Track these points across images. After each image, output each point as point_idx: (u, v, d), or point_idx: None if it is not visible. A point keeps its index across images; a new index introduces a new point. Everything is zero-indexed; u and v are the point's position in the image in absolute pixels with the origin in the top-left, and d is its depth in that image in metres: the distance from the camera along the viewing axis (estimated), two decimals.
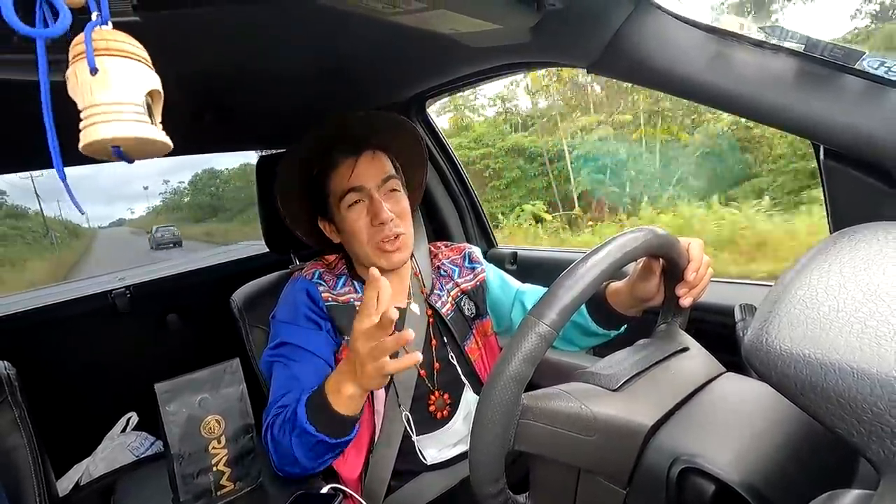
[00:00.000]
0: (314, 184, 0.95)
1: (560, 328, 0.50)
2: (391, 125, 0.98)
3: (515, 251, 1.61)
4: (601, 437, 0.52)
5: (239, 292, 1.12)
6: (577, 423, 0.52)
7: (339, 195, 0.90)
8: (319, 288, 0.93)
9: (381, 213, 0.87)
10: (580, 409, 0.53)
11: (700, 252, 0.70)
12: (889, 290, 0.33)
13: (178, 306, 1.72)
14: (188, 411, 0.73)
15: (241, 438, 0.78)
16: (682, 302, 0.70)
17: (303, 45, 0.83)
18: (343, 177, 0.89)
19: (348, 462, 0.89)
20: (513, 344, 0.50)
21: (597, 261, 0.54)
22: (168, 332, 1.71)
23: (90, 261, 8.63)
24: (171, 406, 0.72)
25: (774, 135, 5.65)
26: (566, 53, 0.86)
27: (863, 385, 0.30)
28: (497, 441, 0.50)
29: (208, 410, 0.75)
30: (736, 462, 0.46)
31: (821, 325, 0.33)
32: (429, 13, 0.66)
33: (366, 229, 0.89)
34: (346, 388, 0.71)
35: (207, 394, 0.75)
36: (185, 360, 0.97)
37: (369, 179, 0.89)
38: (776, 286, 0.39)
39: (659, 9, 0.71)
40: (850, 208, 0.70)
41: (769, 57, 0.66)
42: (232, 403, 0.77)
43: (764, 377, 0.35)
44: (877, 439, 0.29)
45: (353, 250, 0.94)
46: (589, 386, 0.57)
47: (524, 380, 0.50)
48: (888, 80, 0.60)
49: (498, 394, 0.49)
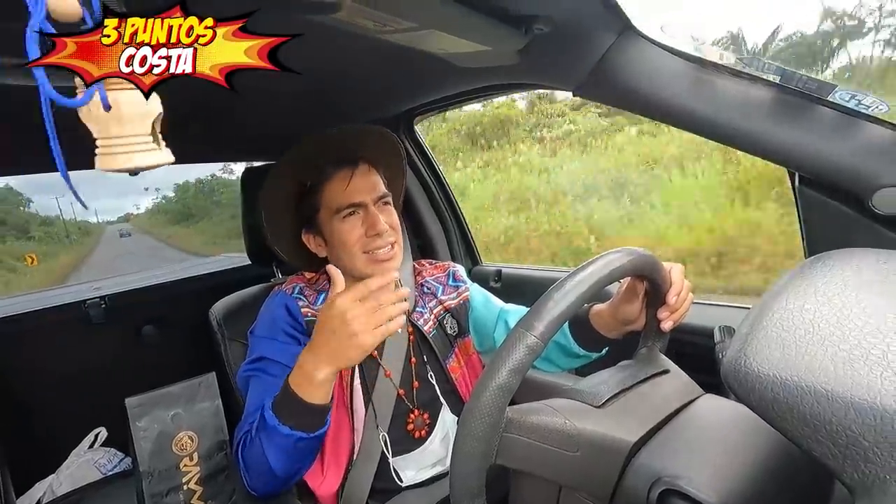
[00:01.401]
0: (304, 196, 0.94)
1: (548, 340, 0.51)
2: (379, 140, 0.99)
3: (500, 269, 1.62)
4: (584, 452, 0.52)
5: (218, 305, 1.10)
6: (561, 438, 0.52)
7: (335, 208, 0.89)
8: (299, 303, 0.92)
9: (378, 225, 0.88)
10: (564, 424, 0.52)
11: (681, 276, 0.72)
12: (861, 314, 0.34)
13: (154, 318, 1.68)
14: (160, 427, 0.71)
15: (215, 456, 0.76)
16: (663, 325, 0.71)
17: (291, 60, 0.84)
18: (338, 190, 0.89)
19: (326, 479, 0.87)
20: (500, 354, 0.50)
21: (585, 276, 0.55)
22: (143, 345, 1.67)
23: (97, 251, 11.91)
24: (142, 421, 0.70)
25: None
26: (553, 76, 0.88)
27: (837, 408, 0.30)
28: (480, 453, 0.49)
29: (181, 426, 0.73)
30: (715, 484, 0.46)
31: (796, 349, 0.34)
32: (418, 33, 0.67)
33: (360, 240, 0.89)
34: (318, 372, 0.68)
35: (181, 409, 0.73)
36: (160, 374, 0.94)
37: (366, 194, 0.90)
38: (754, 309, 0.40)
39: (642, 37, 0.73)
40: (824, 233, 0.72)
41: (747, 86, 0.69)
42: (206, 419, 0.75)
43: (742, 399, 0.36)
44: (851, 462, 0.30)
45: (342, 262, 0.92)
46: (573, 402, 0.57)
47: (511, 391, 0.49)
48: (859, 112, 0.63)
49: (484, 404, 0.49)
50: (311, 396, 0.69)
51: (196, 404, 0.75)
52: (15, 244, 8.71)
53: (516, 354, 0.49)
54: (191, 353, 1.38)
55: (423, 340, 0.98)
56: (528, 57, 0.80)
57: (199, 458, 0.74)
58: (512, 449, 0.52)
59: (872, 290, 0.37)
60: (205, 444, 0.75)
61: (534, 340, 0.50)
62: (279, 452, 0.71)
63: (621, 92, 0.77)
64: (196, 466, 0.74)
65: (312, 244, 0.96)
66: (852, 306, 0.35)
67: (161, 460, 0.71)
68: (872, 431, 0.29)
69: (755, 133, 0.69)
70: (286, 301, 0.92)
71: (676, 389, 0.61)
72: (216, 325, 1.05)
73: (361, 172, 0.91)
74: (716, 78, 0.70)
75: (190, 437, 0.73)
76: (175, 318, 1.69)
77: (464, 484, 0.50)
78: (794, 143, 0.67)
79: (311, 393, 0.69)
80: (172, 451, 0.72)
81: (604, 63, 0.76)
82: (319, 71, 0.92)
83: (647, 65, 0.73)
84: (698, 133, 0.74)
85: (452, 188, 1.65)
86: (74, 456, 1.49)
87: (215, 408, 0.76)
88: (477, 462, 0.50)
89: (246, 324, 1.00)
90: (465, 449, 0.49)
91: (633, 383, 0.60)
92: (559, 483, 0.54)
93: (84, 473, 1.43)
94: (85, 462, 1.46)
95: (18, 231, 9.57)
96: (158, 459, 0.71)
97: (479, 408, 0.49)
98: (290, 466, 0.74)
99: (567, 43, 0.76)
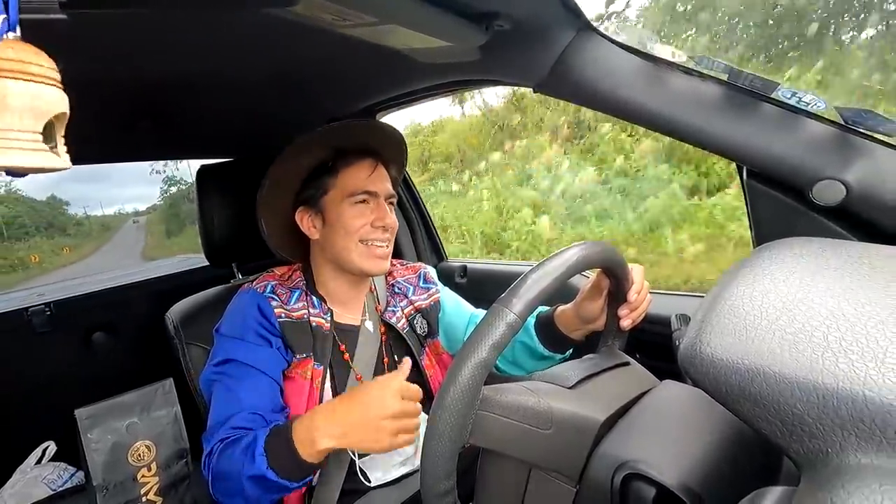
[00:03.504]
0: (315, 174, 0.93)
1: (525, 318, 0.52)
2: (398, 145, 1.01)
3: (465, 265, 1.62)
4: (557, 430, 0.53)
5: (175, 308, 1.05)
6: (534, 415, 0.53)
7: (349, 192, 0.89)
8: (272, 303, 0.89)
9: (387, 218, 0.90)
10: (537, 402, 0.54)
11: (641, 276, 0.76)
12: (804, 299, 0.36)
13: (105, 324, 1.60)
14: (113, 438, 0.68)
15: (175, 464, 0.73)
16: (622, 324, 0.74)
17: (249, 53, 0.81)
18: (360, 176, 0.90)
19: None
20: (479, 330, 0.51)
21: (561, 261, 0.57)
22: (94, 353, 1.58)
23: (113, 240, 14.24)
24: (93, 433, 0.67)
25: None
26: (513, 73, 0.89)
27: (784, 389, 0.32)
28: (455, 429, 0.49)
29: (137, 436, 0.70)
30: (674, 466, 0.48)
31: (747, 334, 0.36)
32: (379, 28, 0.66)
33: (363, 228, 0.89)
34: (325, 441, 0.68)
35: (136, 418, 0.70)
36: (113, 383, 0.90)
37: (382, 187, 0.92)
38: (707, 297, 0.42)
39: (599, 34, 0.75)
40: (771, 224, 0.76)
41: (698, 84, 0.72)
42: (164, 427, 0.72)
43: (698, 384, 0.37)
44: (797, 439, 0.32)
45: (334, 248, 0.91)
46: (545, 383, 0.59)
47: (489, 366, 0.50)
48: (799, 109, 0.67)
49: (463, 379, 0.49)
50: (308, 456, 0.68)
51: (153, 412, 0.72)
52: (56, 239, 12.41)
53: (496, 330, 0.50)
54: (146, 359, 1.32)
55: (396, 339, 0.98)
56: (490, 53, 0.81)
57: (158, 468, 0.71)
58: (485, 427, 0.52)
59: (814, 277, 0.39)
60: (163, 453, 0.72)
61: (513, 317, 0.51)
62: (259, 488, 0.70)
63: (580, 89, 0.79)
64: (154, 476, 0.71)
65: (306, 224, 0.94)
66: (796, 292, 0.37)
67: (116, 472, 0.68)
68: (815, 409, 0.31)
69: (706, 129, 0.72)
70: (258, 300, 0.89)
71: (637, 378, 0.64)
72: (173, 329, 1.01)
73: (381, 167, 0.93)
74: (669, 75, 0.73)
75: (147, 446, 0.70)
76: (127, 324, 1.61)
77: (437, 464, 0.50)
78: (741, 139, 0.70)
79: (310, 454, 0.68)
80: (128, 462, 0.69)
81: (563, 60, 0.77)
82: (278, 66, 0.89)
83: (604, 62, 0.75)
84: (653, 129, 0.77)
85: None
86: (20, 473, 1.40)
87: (174, 415, 0.73)
88: (451, 439, 0.49)
89: (205, 327, 0.96)
90: (441, 425, 0.49)
91: (598, 370, 0.63)
92: (530, 463, 0.55)
93: (31, 491, 1.34)
94: (32, 479, 1.37)
95: (60, 231, 13.22)
96: (113, 472, 0.67)
97: (458, 383, 0.49)
98: (265, 496, 0.72)
99: (527, 40, 0.77)
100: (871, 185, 0.65)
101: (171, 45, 0.71)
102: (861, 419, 0.29)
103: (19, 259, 10.51)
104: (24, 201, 11.91)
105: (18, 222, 11.62)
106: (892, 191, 0.64)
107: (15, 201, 11.59)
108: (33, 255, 10.78)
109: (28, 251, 10.92)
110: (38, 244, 11.58)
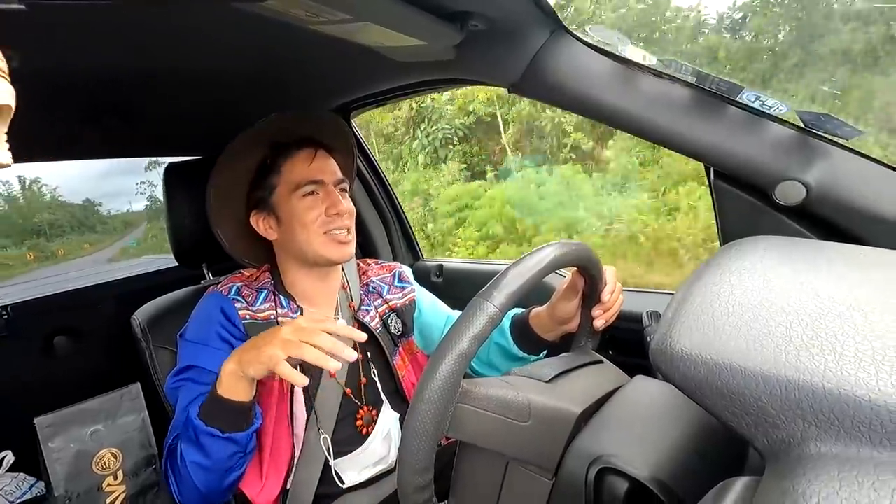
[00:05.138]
0: (259, 175, 0.92)
1: (506, 311, 0.52)
2: (335, 129, 1.00)
3: (441, 264, 1.62)
4: (535, 422, 0.53)
5: (142, 310, 1.02)
6: (513, 408, 0.53)
7: (294, 185, 0.88)
8: (236, 304, 0.88)
9: (339, 205, 0.88)
10: (516, 395, 0.54)
11: (614, 277, 0.77)
12: (767, 296, 0.38)
13: (67, 328, 1.53)
14: (76, 446, 0.65)
15: (143, 472, 0.70)
16: (595, 323, 0.76)
17: (218, 48, 0.79)
18: (301, 167, 0.89)
19: (266, 487, 0.84)
20: (460, 323, 0.51)
21: (541, 257, 0.58)
22: (55, 358, 1.51)
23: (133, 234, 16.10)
24: (54, 442, 0.64)
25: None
26: (488, 73, 0.90)
27: (749, 382, 0.33)
28: (435, 421, 0.49)
29: (102, 443, 0.67)
30: (646, 460, 0.49)
31: (714, 330, 0.37)
32: (353, 25, 0.65)
33: (319, 220, 0.87)
34: (226, 365, 0.70)
35: (101, 425, 0.68)
36: (76, 389, 0.86)
37: (328, 175, 0.90)
38: (677, 295, 0.43)
39: (572, 36, 0.76)
40: (737, 223, 0.79)
41: (667, 86, 0.73)
42: (131, 434, 0.70)
43: (668, 378, 0.38)
44: (761, 429, 0.33)
45: (296, 244, 0.89)
46: (522, 377, 0.60)
47: (469, 358, 0.50)
48: (762, 112, 0.69)
49: (444, 370, 0.49)
50: (224, 389, 0.70)
51: (119, 419, 0.69)
52: (86, 235, 15.39)
53: (477, 322, 0.50)
54: (111, 364, 1.27)
55: (369, 338, 0.97)
56: (464, 52, 0.81)
57: (125, 476, 0.69)
58: (464, 420, 0.52)
59: (777, 274, 0.41)
60: (130, 461, 0.69)
61: (493, 310, 0.51)
62: (201, 453, 0.71)
63: (553, 90, 0.79)
64: (121, 485, 0.68)
65: (262, 226, 0.92)
66: (760, 289, 0.39)
67: (79, 482, 0.65)
68: (778, 400, 0.32)
69: (675, 130, 0.74)
70: (222, 304, 0.87)
71: (610, 375, 0.66)
72: (140, 332, 0.98)
73: (323, 154, 0.92)
74: (639, 78, 0.74)
75: (113, 454, 0.68)
76: (91, 328, 1.55)
77: (414, 458, 0.49)
78: (708, 140, 0.73)
79: (224, 385, 0.70)
80: (93, 471, 0.66)
81: (537, 61, 0.78)
82: (249, 62, 0.87)
83: (577, 64, 0.76)
84: (624, 130, 0.78)
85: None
86: None
87: (141, 421, 0.71)
88: (430, 432, 0.49)
89: (174, 329, 0.93)
90: (420, 417, 0.49)
91: (573, 367, 0.64)
92: (508, 456, 0.55)
93: None
94: None
95: (89, 229, 15.98)
96: (76, 481, 0.65)
97: (438, 374, 0.49)
98: (217, 473, 0.72)
99: (502, 40, 0.77)
100: (829, 186, 0.68)
101: (137, 38, 0.69)
102: (820, 410, 0.30)
103: (52, 251, 14.43)
104: (64, 206, 15.78)
105: (57, 224, 15.44)
106: (848, 191, 0.67)
107: (58, 207, 15.66)
108: (61, 248, 14.60)
109: (60, 246, 14.62)
110: (69, 241, 15.06)
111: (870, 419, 0.28)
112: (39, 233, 14.63)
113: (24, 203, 15.23)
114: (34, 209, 15.17)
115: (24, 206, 15.20)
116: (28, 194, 15.39)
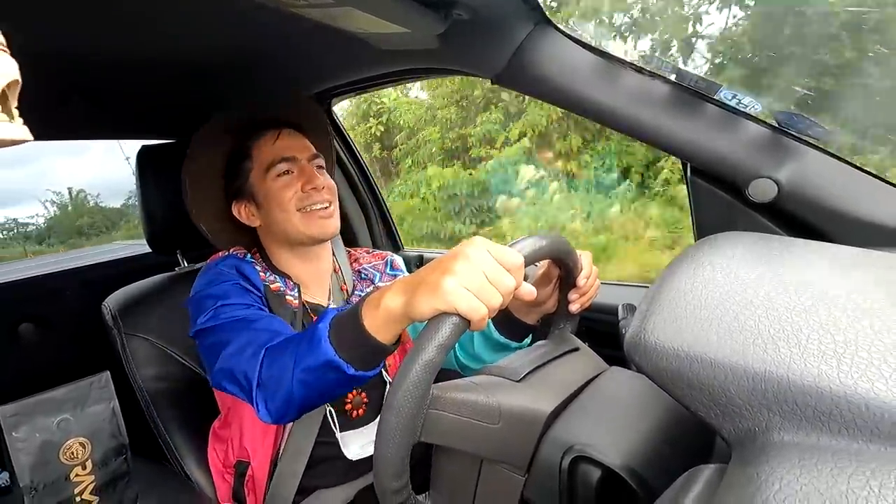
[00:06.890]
0: (232, 163, 0.90)
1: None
2: (305, 108, 0.99)
3: (421, 254, 1.62)
4: (505, 424, 0.54)
5: (113, 297, 0.99)
6: (483, 411, 0.54)
7: (266, 165, 0.86)
8: (256, 267, 0.86)
9: (315, 179, 0.86)
10: (486, 398, 0.54)
11: (590, 262, 0.77)
12: (738, 290, 0.39)
13: (33, 315, 1.48)
14: (42, 436, 0.63)
15: (112, 462, 0.69)
16: (571, 308, 0.76)
17: (195, 30, 0.77)
18: (266, 148, 0.87)
19: (257, 457, 0.84)
20: (426, 332, 0.51)
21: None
22: (20, 346, 1.46)
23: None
24: (19, 431, 0.62)
25: None
26: (471, 63, 0.89)
27: (718, 373, 0.34)
28: (406, 429, 0.50)
29: (69, 433, 0.65)
30: (618, 448, 0.50)
31: (686, 323, 0.38)
32: (335, 9, 0.64)
33: (295, 197, 0.86)
34: (388, 298, 0.55)
35: (68, 414, 0.66)
36: (44, 378, 0.83)
37: (297, 150, 0.88)
38: (651, 288, 0.44)
39: (556, 29, 0.76)
40: (712, 219, 0.80)
41: (647, 82, 0.74)
42: (100, 423, 0.68)
43: (641, 370, 0.39)
44: (728, 419, 0.34)
45: (277, 226, 0.88)
46: (493, 378, 0.60)
47: (437, 366, 0.50)
48: (738, 110, 0.71)
49: (411, 380, 0.49)
50: (371, 324, 0.56)
51: (88, 407, 0.67)
52: (113, 234, 17.59)
53: (440, 332, 0.50)
54: (81, 352, 1.24)
55: None
56: (448, 42, 0.80)
57: (94, 466, 0.67)
58: (436, 425, 0.53)
59: (748, 270, 0.42)
60: (100, 451, 0.68)
61: (457, 318, 0.50)
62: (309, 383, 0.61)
63: (536, 82, 0.80)
64: (90, 475, 0.67)
65: (244, 214, 0.91)
66: (731, 283, 0.40)
67: (46, 472, 0.63)
68: (745, 391, 0.33)
69: (654, 126, 0.75)
70: (237, 264, 0.86)
71: (586, 365, 0.66)
72: (111, 319, 0.96)
73: (288, 132, 0.90)
74: (621, 73, 0.75)
75: (81, 443, 0.66)
76: (59, 315, 1.51)
77: (389, 463, 0.50)
78: (686, 136, 0.74)
79: (373, 318, 0.56)
80: (60, 461, 0.64)
81: (521, 52, 0.78)
82: (226, 45, 0.85)
83: (560, 57, 0.77)
84: (604, 124, 0.79)
85: None
86: None
87: (111, 409, 0.69)
88: (402, 439, 0.50)
89: (147, 318, 0.91)
90: (391, 425, 0.49)
91: (547, 360, 0.64)
92: (481, 456, 0.56)
93: None
94: None
95: (117, 228, 18.12)
96: (42, 472, 0.63)
97: (406, 384, 0.49)
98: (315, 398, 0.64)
99: (486, 31, 0.77)
100: (799, 184, 0.70)
101: (111, 17, 0.66)
102: (784, 401, 0.31)
103: (81, 246, 16.34)
104: (102, 211, 18.73)
105: (96, 226, 18.34)
106: (817, 189, 0.69)
107: (97, 211, 18.62)
108: (88, 244, 16.49)
109: (93, 243, 16.47)
110: (103, 238, 17.11)
111: (829, 409, 0.30)
112: (80, 233, 17.83)
113: (72, 209, 18.48)
114: (78, 213, 18.38)
115: (71, 213, 18.46)
116: (76, 202, 18.58)
